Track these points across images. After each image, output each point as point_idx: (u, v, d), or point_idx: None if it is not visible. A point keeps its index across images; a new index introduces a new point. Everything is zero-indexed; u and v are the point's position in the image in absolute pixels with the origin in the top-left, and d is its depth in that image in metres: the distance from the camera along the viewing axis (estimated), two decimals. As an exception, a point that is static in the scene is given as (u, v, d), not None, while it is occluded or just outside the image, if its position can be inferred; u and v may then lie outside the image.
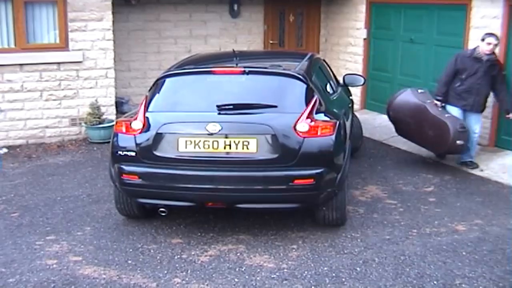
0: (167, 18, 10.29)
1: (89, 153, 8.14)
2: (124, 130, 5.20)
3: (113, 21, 8.84)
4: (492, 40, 6.83)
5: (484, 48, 6.85)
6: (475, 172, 7.16)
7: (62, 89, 8.60)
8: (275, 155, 4.95)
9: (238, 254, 5.02)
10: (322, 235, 5.37)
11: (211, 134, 4.95)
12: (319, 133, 5.00)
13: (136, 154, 5.11)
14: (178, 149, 5.03)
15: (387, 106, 7.72)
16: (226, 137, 4.96)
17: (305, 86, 5.37)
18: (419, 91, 7.41)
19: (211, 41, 10.62)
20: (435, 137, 7.02)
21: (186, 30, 10.44)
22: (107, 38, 8.71)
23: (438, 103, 7.09)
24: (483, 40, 6.90)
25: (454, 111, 7.05)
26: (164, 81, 5.57)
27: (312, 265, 4.82)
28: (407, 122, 7.44)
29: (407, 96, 7.42)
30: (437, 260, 4.87)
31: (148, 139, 5.09)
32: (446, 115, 6.97)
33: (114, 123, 6.61)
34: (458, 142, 6.79)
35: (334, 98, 6.29)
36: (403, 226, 5.60)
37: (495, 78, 6.97)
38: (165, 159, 5.05)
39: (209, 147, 4.98)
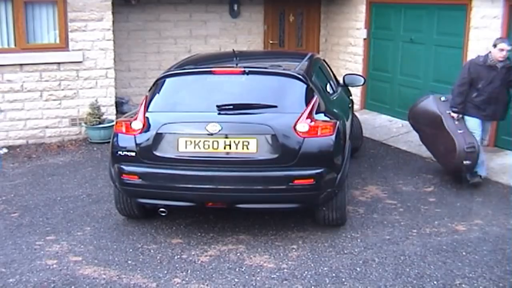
0: (167, 18, 10.29)
1: (89, 153, 8.14)
2: (124, 130, 5.21)
3: (113, 21, 8.84)
4: (505, 45, 6.43)
5: (497, 55, 6.45)
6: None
7: (62, 89, 8.60)
8: (275, 155, 4.95)
9: (238, 254, 5.02)
10: (322, 235, 5.37)
11: (211, 134, 4.95)
12: (319, 133, 5.00)
13: (136, 154, 5.12)
14: (178, 149, 5.04)
15: (408, 112, 7.47)
16: (226, 137, 4.96)
17: (305, 86, 5.37)
18: (442, 99, 6.93)
19: (211, 41, 10.62)
20: (445, 153, 6.71)
21: (186, 30, 10.45)
22: (107, 38, 8.71)
23: (455, 115, 6.76)
24: (495, 46, 6.49)
25: (472, 122, 6.72)
26: (164, 81, 5.58)
27: (312, 265, 4.82)
28: (425, 132, 7.16)
29: (427, 104, 6.96)
30: (437, 260, 4.87)
31: (148, 139, 5.09)
32: (459, 131, 6.57)
33: (114, 123, 6.62)
34: (465, 162, 6.44)
35: (334, 98, 6.29)
36: (403, 226, 5.60)
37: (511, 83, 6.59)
38: (165, 159, 5.05)
39: (209, 147, 4.98)
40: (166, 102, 5.47)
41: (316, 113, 5.17)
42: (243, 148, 4.95)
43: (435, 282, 4.52)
